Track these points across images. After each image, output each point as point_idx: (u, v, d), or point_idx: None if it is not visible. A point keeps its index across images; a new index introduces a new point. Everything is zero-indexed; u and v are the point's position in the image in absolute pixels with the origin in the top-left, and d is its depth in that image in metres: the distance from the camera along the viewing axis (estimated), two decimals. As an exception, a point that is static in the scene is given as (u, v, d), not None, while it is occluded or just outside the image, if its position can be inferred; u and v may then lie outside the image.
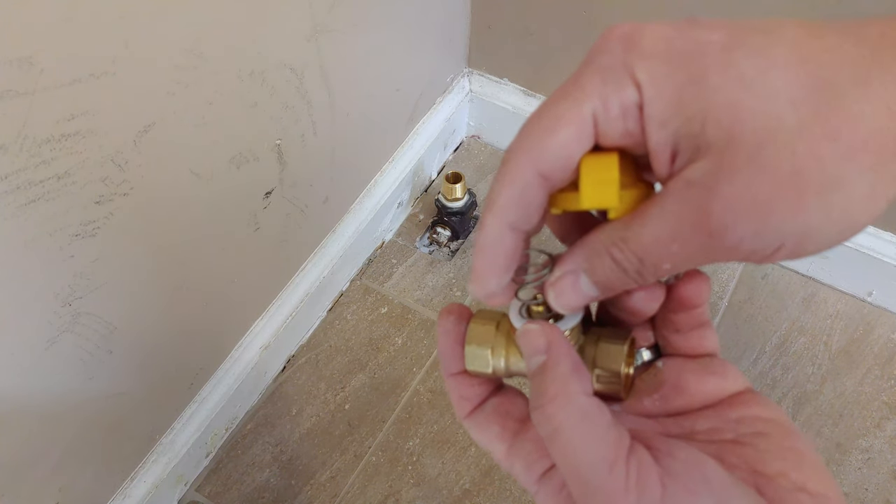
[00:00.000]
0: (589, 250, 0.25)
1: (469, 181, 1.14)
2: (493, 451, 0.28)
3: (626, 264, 0.24)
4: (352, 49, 0.81)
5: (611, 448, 0.23)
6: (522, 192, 0.25)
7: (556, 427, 0.24)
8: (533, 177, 0.24)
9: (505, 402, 0.29)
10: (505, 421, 0.28)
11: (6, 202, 0.50)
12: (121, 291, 0.65)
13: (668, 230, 0.23)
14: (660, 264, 0.24)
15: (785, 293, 1.05)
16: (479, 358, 0.29)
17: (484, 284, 0.27)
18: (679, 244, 0.23)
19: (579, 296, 0.26)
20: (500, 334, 0.29)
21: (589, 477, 0.23)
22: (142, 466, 0.83)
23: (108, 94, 0.53)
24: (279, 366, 0.99)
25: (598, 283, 0.25)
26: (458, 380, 0.29)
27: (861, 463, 0.91)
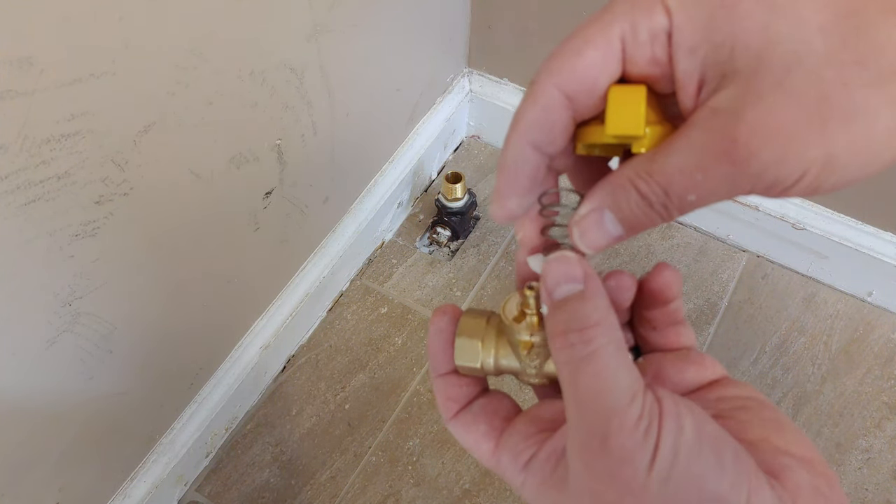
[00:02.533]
0: (614, 185, 0.25)
1: (469, 181, 1.14)
2: (479, 450, 0.28)
3: (651, 197, 0.24)
4: (352, 49, 0.81)
5: (635, 381, 0.24)
6: (546, 112, 0.25)
7: (594, 350, 0.24)
8: (557, 97, 0.24)
9: (492, 402, 0.29)
10: (492, 419, 0.28)
11: (6, 202, 0.50)
12: (121, 291, 0.65)
13: (694, 159, 0.23)
14: (685, 195, 0.23)
15: (785, 293, 1.05)
16: (468, 350, 0.29)
17: (504, 203, 0.27)
18: (703, 172, 0.23)
19: (604, 234, 0.26)
20: (490, 327, 0.29)
21: (610, 403, 0.23)
22: (142, 466, 0.83)
23: (108, 94, 0.53)
24: (279, 366, 0.99)
25: (624, 219, 0.25)
26: (447, 380, 0.30)
27: (861, 463, 0.91)
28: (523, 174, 0.26)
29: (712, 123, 0.22)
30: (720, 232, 1.09)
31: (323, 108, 0.80)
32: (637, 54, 0.24)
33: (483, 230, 1.10)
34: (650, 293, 0.28)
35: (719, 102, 0.23)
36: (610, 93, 0.24)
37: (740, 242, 1.08)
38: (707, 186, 0.23)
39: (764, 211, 1.01)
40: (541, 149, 0.26)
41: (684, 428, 0.23)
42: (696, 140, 0.23)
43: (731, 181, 0.22)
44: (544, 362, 0.28)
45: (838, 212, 0.98)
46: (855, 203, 0.96)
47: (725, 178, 0.22)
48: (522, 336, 0.28)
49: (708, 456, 0.23)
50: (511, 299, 0.29)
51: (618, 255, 1.07)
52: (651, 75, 0.24)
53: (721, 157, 0.22)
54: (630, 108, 0.24)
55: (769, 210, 1.01)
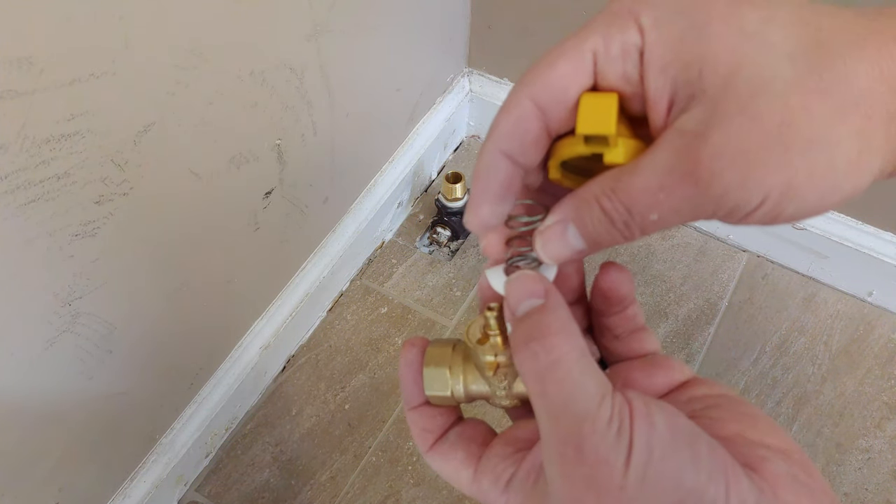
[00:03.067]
0: (579, 200, 0.25)
1: (469, 181, 1.14)
2: (458, 478, 0.28)
3: (613, 214, 0.24)
4: (352, 49, 0.81)
5: (602, 384, 0.24)
6: (518, 122, 0.25)
7: (557, 358, 0.24)
8: (530, 107, 0.25)
9: (467, 429, 0.29)
10: (469, 445, 0.28)
11: (6, 202, 0.50)
12: (121, 291, 0.65)
13: (657, 178, 0.23)
14: (647, 214, 0.24)
15: (785, 293, 1.05)
16: (437, 379, 0.29)
17: (478, 211, 0.27)
18: (666, 192, 0.23)
19: (566, 246, 0.26)
20: (456, 354, 0.29)
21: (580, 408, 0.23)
22: (142, 466, 0.83)
23: (108, 94, 0.53)
24: (279, 366, 0.99)
25: (586, 234, 0.25)
26: (420, 412, 0.30)
27: (861, 463, 0.91)
28: (496, 182, 0.26)
29: (677, 144, 0.23)
30: (720, 232, 1.09)
31: (323, 108, 0.80)
32: (608, 69, 0.24)
33: (483, 230, 1.10)
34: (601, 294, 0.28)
35: (685, 124, 0.23)
36: (581, 98, 0.25)
37: (740, 242, 1.08)
38: (669, 206, 0.23)
39: (764, 211, 1.01)
40: (513, 158, 0.26)
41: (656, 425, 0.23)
42: (660, 160, 0.23)
43: (693, 202, 0.23)
44: (513, 382, 0.28)
45: (838, 212, 0.98)
46: (855, 203, 0.96)
47: (688, 199, 0.23)
48: (487, 357, 0.28)
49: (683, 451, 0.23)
50: (474, 323, 0.29)
51: (618, 255, 1.07)
52: (622, 92, 0.25)
53: (684, 178, 0.22)
54: (601, 109, 0.24)
55: (769, 210, 1.01)
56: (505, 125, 0.26)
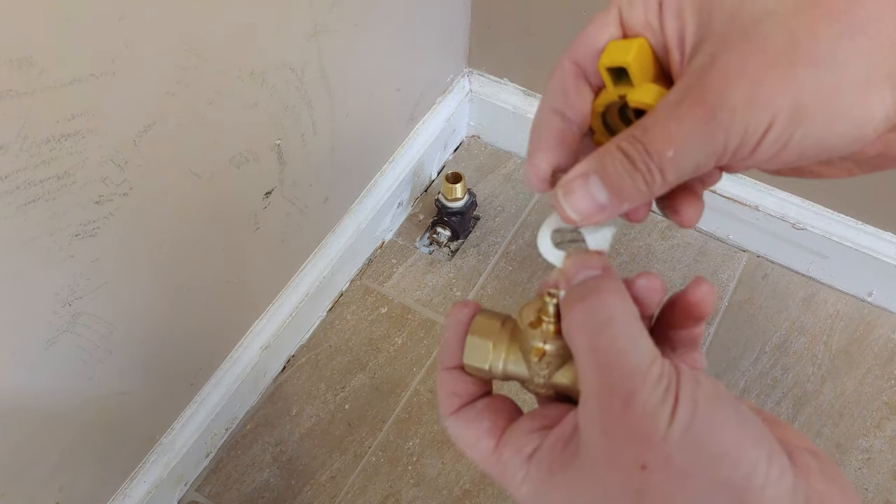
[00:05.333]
0: (601, 150, 0.26)
1: (469, 181, 1.14)
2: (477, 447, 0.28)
3: (632, 153, 0.25)
4: (352, 49, 0.81)
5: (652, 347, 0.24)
6: (559, 79, 0.28)
7: (612, 315, 0.25)
8: (568, 65, 0.28)
9: (496, 402, 0.29)
10: (496, 418, 0.28)
11: (6, 202, 0.50)
12: (121, 291, 0.65)
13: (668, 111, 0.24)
14: (663, 151, 0.24)
15: (785, 293, 1.05)
16: (478, 350, 0.29)
17: (531, 161, 0.28)
18: (677, 121, 0.23)
19: (589, 199, 0.26)
20: (504, 330, 0.29)
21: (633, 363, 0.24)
22: (142, 466, 0.83)
23: (108, 94, 0.53)
24: (279, 366, 0.99)
25: (609, 182, 0.26)
26: (453, 374, 0.29)
27: (861, 463, 0.91)
28: (548, 134, 0.28)
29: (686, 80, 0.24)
30: (720, 232, 1.09)
31: (323, 108, 0.80)
32: (632, 18, 0.26)
33: (483, 230, 1.10)
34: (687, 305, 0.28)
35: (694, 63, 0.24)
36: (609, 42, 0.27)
37: (740, 242, 1.08)
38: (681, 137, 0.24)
39: (764, 211, 1.02)
40: (561, 113, 0.28)
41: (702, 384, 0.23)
42: (672, 95, 0.24)
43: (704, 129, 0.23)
44: (554, 372, 0.28)
45: (838, 212, 0.98)
46: (855, 203, 0.96)
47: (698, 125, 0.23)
48: (536, 342, 0.28)
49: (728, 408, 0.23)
50: (529, 305, 0.29)
51: (618, 255, 1.07)
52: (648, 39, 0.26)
53: (693, 105, 0.23)
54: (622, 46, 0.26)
55: (769, 210, 1.01)
56: (550, 85, 0.28)
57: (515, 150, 1.18)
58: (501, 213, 1.12)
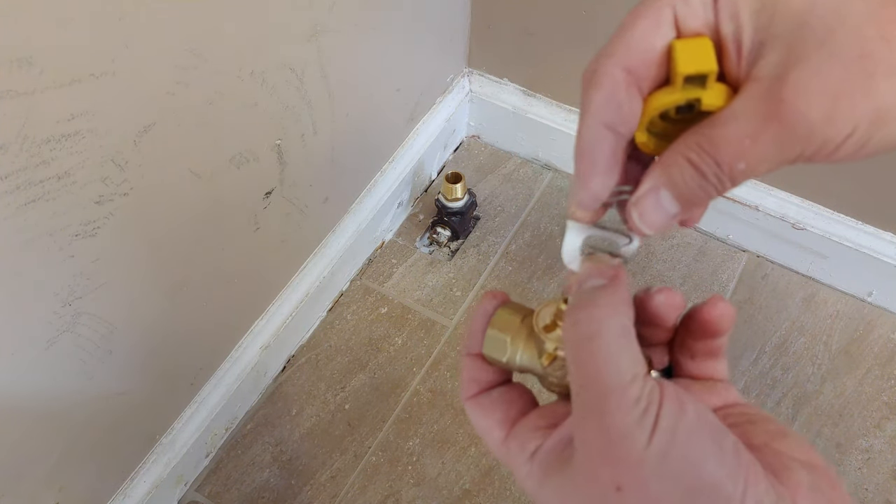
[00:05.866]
0: (667, 164, 0.26)
1: (469, 181, 1.14)
2: (490, 436, 0.28)
3: (703, 167, 0.24)
4: (352, 49, 0.81)
5: (636, 364, 0.24)
6: (612, 91, 0.25)
7: (597, 330, 0.24)
8: (620, 74, 0.25)
9: (511, 392, 0.29)
10: (508, 409, 0.29)
11: (6, 202, 0.50)
12: (121, 291, 0.65)
13: (741, 127, 0.23)
14: (735, 164, 0.24)
15: (785, 293, 1.05)
16: (497, 343, 0.29)
17: (587, 186, 0.27)
18: (752, 138, 0.23)
19: (662, 213, 0.26)
20: (523, 326, 0.29)
21: (609, 382, 0.23)
22: (142, 466, 0.83)
23: (108, 94, 0.53)
24: (279, 366, 0.99)
25: (680, 195, 0.26)
26: (475, 360, 0.30)
27: (861, 463, 0.91)
28: (602, 154, 0.26)
29: (757, 91, 0.23)
30: (720, 232, 1.09)
31: (323, 108, 0.81)
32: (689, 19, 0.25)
33: (483, 230, 1.10)
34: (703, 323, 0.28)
35: (762, 70, 0.23)
36: (674, 43, 0.25)
37: (740, 242, 1.08)
38: (756, 153, 0.23)
39: (764, 211, 1.01)
40: (614, 129, 0.26)
41: (687, 411, 0.23)
42: (742, 108, 0.23)
43: (780, 144, 0.23)
44: (566, 376, 0.28)
45: (838, 212, 0.98)
46: (855, 203, 0.96)
47: (774, 142, 0.23)
48: (549, 346, 0.28)
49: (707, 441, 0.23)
50: (548, 306, 0.29)
51: (618, 255, 1.07)
52: None
53: (769, 120, 0.23)
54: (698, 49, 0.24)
55: (769, 210, 1.01)
56: (600, 97, 0.26)
57: (515, 150, 1.18)
58: (501, 213, 1.12)
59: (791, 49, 0.22)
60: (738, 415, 0.28)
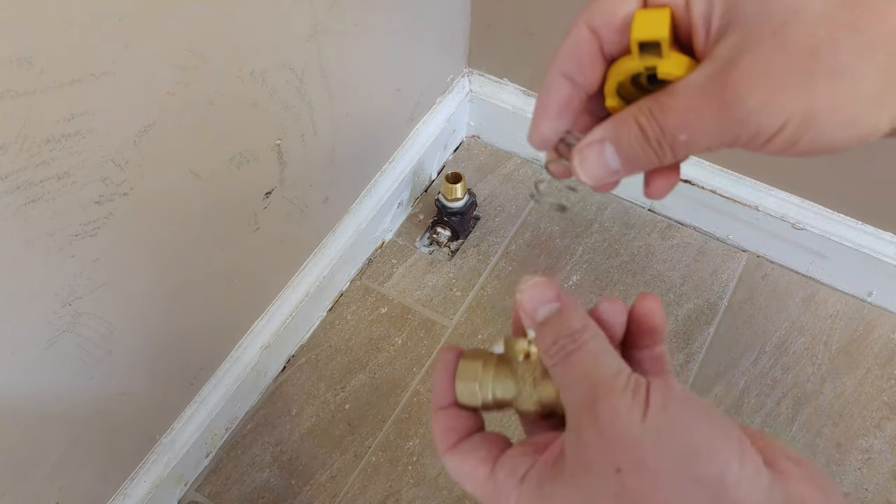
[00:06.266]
0: (617, 120, 0.27)
1: (469, 181, 1.14)
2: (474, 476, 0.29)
3: (648, 130, 0.26)
4: (352, 49, 0.81)
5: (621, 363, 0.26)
6: (574, 44, 0.27)
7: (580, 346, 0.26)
8: (584, 31, 0.27)
9: (491, 436, 0.30)
10: (491, 447, 0.29)
11: (6, 202, 0.50)
12: (121, 291, 0.65)
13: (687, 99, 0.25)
14: (677, 134, 0.25)
15: (785, 293, 1.05)
16: (467, 391, 0.30)
17: (538, 126, 0.29)
18: (694, 112, 0.24)
19: (603, 165, 0.27)
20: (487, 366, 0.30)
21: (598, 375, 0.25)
22: (142, 466, 0.83)
23: (108, 94, 0.53)
24: (279, 366, 0.99)
25: (622, 152, 0.27)
26: (448, 413, 0.31)
27: (861, 463, 0.91)
28: (555, 99, 0.28)
29: (710, 69, 0.24)
30: (720, 232, 1.09)
31: (323, 108, 0.81)
32: None
33: (483, 230, 1.10)
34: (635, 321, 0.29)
35: (719, 50, 0.24)
36: (635, 12, 0.26)
37: (740, 242, 1.08)
38: (697, 127, 0.25)
39: (764, 211, 1.02)
40: (571, 78, 0.28)
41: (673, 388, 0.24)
42: (693, 82, 0.25)
43: (718, 123, 0.24)
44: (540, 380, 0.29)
45: (838, 212, 0.98)
46: (855, 203, 0.96)
47: (713, 119, 0.24)
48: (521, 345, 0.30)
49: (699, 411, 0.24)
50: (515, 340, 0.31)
51: (618, 255, 1.07)
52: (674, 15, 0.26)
53: (711, 99, 0.24)
54: (654, 18, 0.26)
55: (769, 210, 1.01)
56: (563, 49, 0.28)
57: (515, 150, 1.18)
58: (501, 213, 1.12)
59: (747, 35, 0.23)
60: None
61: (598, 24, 0.27)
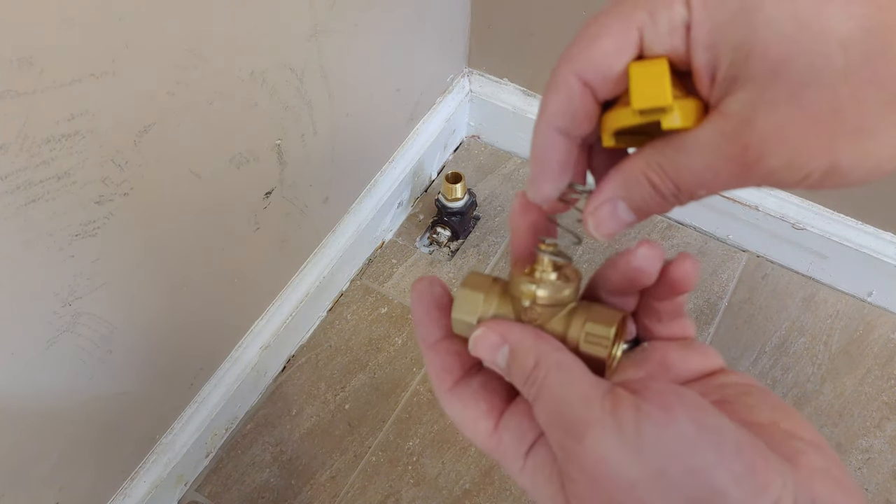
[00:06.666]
0: (626, 177, 0.26)
1: (469, 181, 1.14)
2: (475, 430, 0.28)
3: (663, 189, 0.25)
4: (352, 49, 0.81)
5: (587, 387, 0.24)
6: (568, 99, 0.26)
7: (539, 385, 0.25)
8: (576, 84, 0.25)
9: (492, 380, 0.29)
10: (493, 398, 0.28)
11: (6, 202, 0.50)
12: (121, 291, 0.65)
13: (705, 160, 0.24)
14: (695, 191, 0.25)
15: (785, 293, 1.05)
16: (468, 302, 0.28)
17: (539, 189, 0.28)
18: (713, 173, 0.24)
19: (617, 222, 0.27)
20: (495, 285, 0.28)
21: (569, 415, 0.24)
22: (142, 466, 0.83)
23: (108, 94, 0.53)
24: (279, 366, 0.99)
25: (636, 208, 0.26)
26: (437, 349, 0.29)
27: (861, 463, 0.91)
28: (554, 159, 0.27)
29: (724, 128, 0.23)
30: (720, 232, 1.09)
31: (323, 108, 0.81)
32: (655, 44, 0.24)
33: (483, 230, 1.10)
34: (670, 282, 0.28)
35: (731, 107, 0.23)
36: (631, 69, 0.24)
37: (740, 242, 1.08)
38: (717, 184, 0.24)
39: (764, 211, 1.01)
40: (567, 133, 0.27)
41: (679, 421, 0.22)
42: (707, 142, 0.24)
43: (739, 179, 0.24)
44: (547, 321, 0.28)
45: (838, 212, 0.98)
46: (855, 203, 0.96)
47: (734, 178, 0.24)
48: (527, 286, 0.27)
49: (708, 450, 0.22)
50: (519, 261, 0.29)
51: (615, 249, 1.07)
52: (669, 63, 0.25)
53: (732, 160, 0.23)
54: (654, 80, 0.24)
55: (769, 210, 1.01)
56: (555, 104, 0.26)
57: (515, 151, 1.18)
58: (501, 213, 1.12)
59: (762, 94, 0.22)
60: (731, 385, 0.27)
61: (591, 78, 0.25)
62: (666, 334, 0.30)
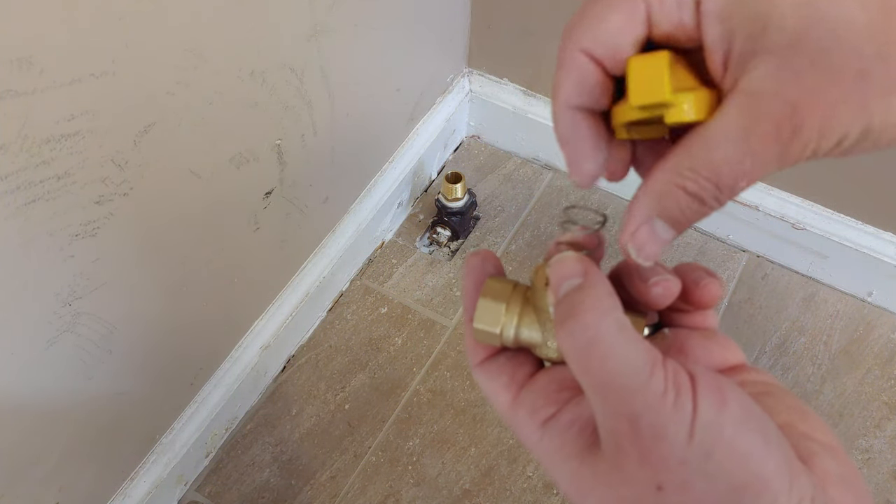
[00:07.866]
0: (658, 193, 0.25)
1: (469, 181, 1.14)
2: (497, 401, 0.28)
3: (702, 193, 0.24)
4: (352, 49, 0.81)
5: (648, 355, 0.23)
6: (581, 77, 0.25)
7: (592, 336, 0.23)
8: (586, 61, 0.25)
9: (518, 356, 0.29)
10: (515, 372, 0.28)
11: (6, 202, 0.50)
12: (121, 291, 0.65)
13: (740, 147, 0.23)
14: (736, 184, 0.23)
15: (785, 293, 1.05)
16: (490, 313, 0.28)
17: (580, 169, 0.27)
18: (752, 157, 0.23)
19: (659, 242, 0.26)
20: (516, 293, 0.28)
21: (628, 382, 0.22)
22: (142, 466, 0.83)
23: (108, 94, 0.53)
24: (279, 366, 0.99)
25: (675, 222, 0.25)
26: None
27: (861, 463, 0.91)
28: (583, 137, 0.26)
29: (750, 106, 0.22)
30: (720, 232, 1.09)
31: (323, 108, 0.81)
32: (663, 18, 0.24)
33: (483, 230, 1.10)
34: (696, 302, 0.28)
35: (753, 84, 0.22)
36: (630, 63, 0.24)
37: (740, 242, 1.08)
38: (756, 171, 0.23)
39: (764, 211, 1.02)
40: (589, 109, 0.26)
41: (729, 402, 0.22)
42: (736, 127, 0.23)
43: (778, 159, 0.23)
44: None
45: (838, 212, 0.98)
46: (855, 203, 0.96)
47: (773, 159, 0.23)
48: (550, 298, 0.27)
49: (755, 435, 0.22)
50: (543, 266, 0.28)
51: (616, 256, 1.07)
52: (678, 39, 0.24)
53: (766, 140, 0.22)
54: (652, 75, 0.24)
55: (769, 210, 1.01)
56: (568, 83, 0.25)
57: (515, 150, 1.18)
58: (501, 213, 1.12)
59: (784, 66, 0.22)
60: (753, 384, 0.27)
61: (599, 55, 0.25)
62: (688, 323, 0.29)
